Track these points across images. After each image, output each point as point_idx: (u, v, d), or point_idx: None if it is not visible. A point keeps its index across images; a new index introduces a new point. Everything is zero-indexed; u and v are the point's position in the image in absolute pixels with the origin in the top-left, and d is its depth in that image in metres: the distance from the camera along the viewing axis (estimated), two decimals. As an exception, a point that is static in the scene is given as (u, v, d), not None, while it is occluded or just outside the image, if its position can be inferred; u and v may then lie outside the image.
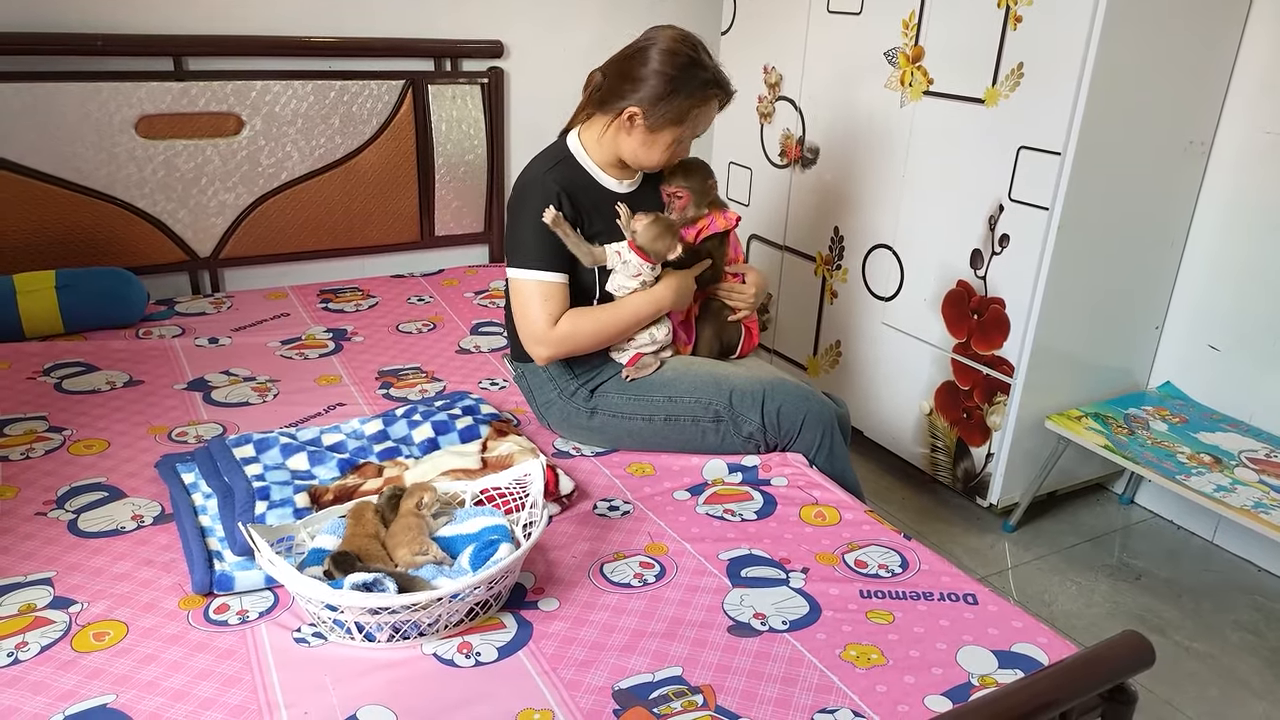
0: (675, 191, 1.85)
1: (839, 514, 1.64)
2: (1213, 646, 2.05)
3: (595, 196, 1.81)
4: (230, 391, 2.01)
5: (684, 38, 1.73)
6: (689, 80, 1.70)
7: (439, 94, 2.77)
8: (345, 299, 2.60)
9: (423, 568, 1.33)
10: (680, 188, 1.85)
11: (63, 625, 1.29)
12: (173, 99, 2.43)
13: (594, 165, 1.81)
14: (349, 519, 1.41)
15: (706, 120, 1.78)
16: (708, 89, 1.73)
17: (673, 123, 1.73)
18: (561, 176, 1.76)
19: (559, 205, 1.74)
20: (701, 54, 1.73)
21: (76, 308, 2.22)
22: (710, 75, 1.73)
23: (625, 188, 1.85)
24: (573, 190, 1.77)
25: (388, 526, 1.40)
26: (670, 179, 1.86)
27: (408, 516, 1.40)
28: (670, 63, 1.70)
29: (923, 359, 2.49)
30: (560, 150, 1.82)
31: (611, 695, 1.20)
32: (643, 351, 1.84)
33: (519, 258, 1.77)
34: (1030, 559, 2.34)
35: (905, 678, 1.25)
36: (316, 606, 1.25)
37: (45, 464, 1.70)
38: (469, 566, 1.32)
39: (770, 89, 2.86)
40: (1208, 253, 2.37)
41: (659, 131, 1.73)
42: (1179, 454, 2.20)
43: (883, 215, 2.53)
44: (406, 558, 1.34)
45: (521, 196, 1.78)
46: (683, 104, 1.71)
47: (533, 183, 1.77)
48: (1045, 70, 2.06)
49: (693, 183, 1.86)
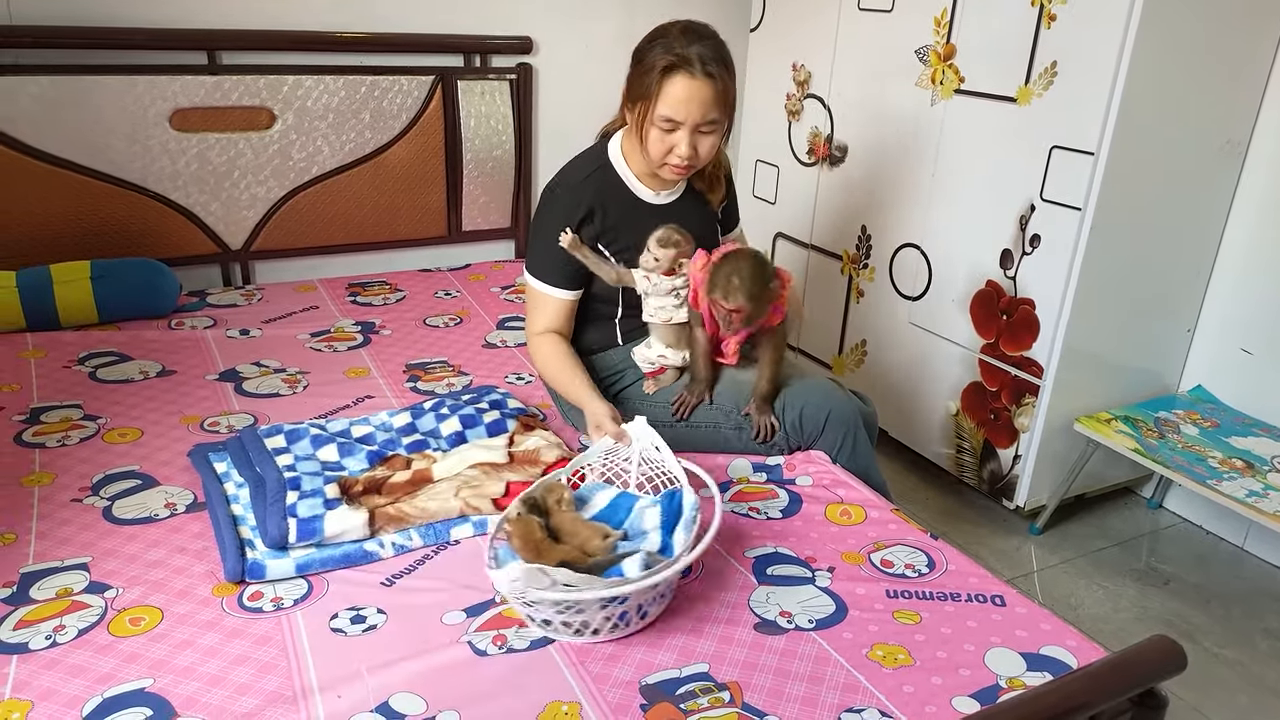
0: (733, 309, 1.61)
1: (864, 513, 1.64)
2: (1242, 653, 2.03)
3: (629, 208, 1.78)
4: (261, 382, 2.03)
5: (681, 21, 1.67)
6: (649, 50, 1.65)
7: (468, 90, 2.78)
8: (373, 292, 2.62)
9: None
10: (739, 305, 1.60)
11: (99, 610, 1.32)
12: (206, 93, 2.46)
13: (631, 174, 1.79)
14: (515, 539, 1.34)
15: (672, 100, 1.62)
16: (665, 57, 1.61)
17: (639, 98, 1.66)
18: (594, 185, 1.75)
19: (586, 218, 1.72)
20: (676, 31, 1.64)
21: (111, 298, 2.26)
22: (675, 48, 1.61)
23: (663, 198, 1.81)
24: (605, 201, 1.75)
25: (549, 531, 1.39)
26: (723, 291, 1.60)
27: (564, 514, 1.41)
28: (646, 37, 1.68)
29: (950, 359, 2.48)
30: (600, 155, 1.80)
31: (639, 690, 1.20)
32: (664, 365, 1.84)
33: (529, 261, 1.82)
34: (1057, 562, 2.32)
35: (932, 678, 1.24)
36: (590, 606, 1.23)
37: (80, 451, 1.72)
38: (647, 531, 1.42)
39: (799, 86, 2.85)
40: (1241, 255, 2.34)
41: (634, 110, 1.69)
42: (1210, 458, 2.17)
43: (911, 214, 2.52)
44: (601, 545, 1.36)
45: (547, 201, 1.78)
46: (644, 76, 1.64)
47: (562, 190, 1.76)
48: (1079, 69, 2.04)
49: (750, 296, 1.59)
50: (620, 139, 1.81)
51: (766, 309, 1.67)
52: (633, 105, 1.70)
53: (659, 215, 1.79)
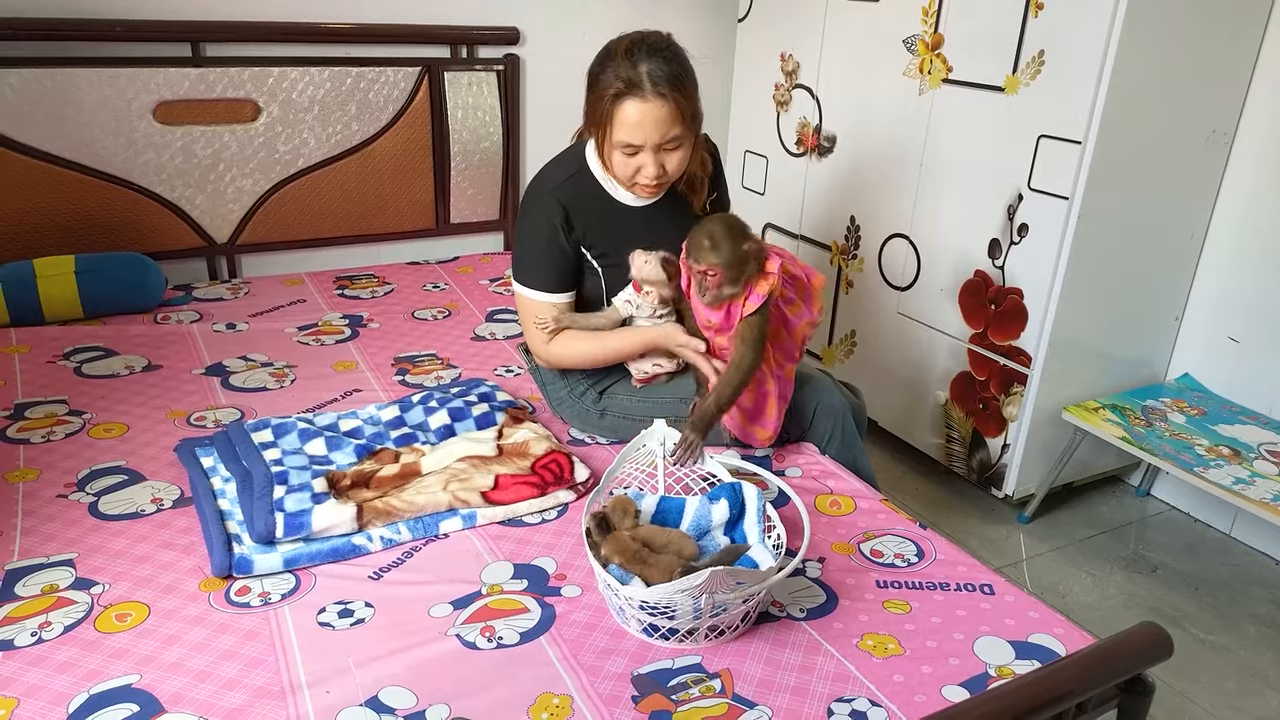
0: (706, 270, 1.54)
1: (854, 503, 1.64)
2: (1230, 639, 2.05)
3: (606, 211, 1.75)
4: (248, 377, 2.02)
5: (626, 36, 1.62)
6: (601, 74, 1.60)
7: (455, 81, 2.76)
8: (361, 285, 2.61)
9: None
10: (711, 265, 1.53)
11: (85, 606, 1.31)
12: (190, 85, 2.44)
13: (608, 178, 1.74)
14: (616, 556, 1.31)
15: (624, 124, 1.58)
16: (613, 84, 1.56)
17: (595, 123, 1.62)
18: (569, 192, 1.71)
19: (566, 222, 1.70)
20: (623, 51, 1.58)
21: (95, 292, 2.24)
22: (622, 71, 1.56)
23: (642, 202, 1.76)
24: (580, 206, 1.72)
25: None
26: (695, 252, 1.55)
27: (644, 527, 1.40)
28: (596, 58, 1.64)
29: (939, 349, 2.48)
30: (577, 158, 1.76)
31: (631, 681, 1.20)
32: (656, 373, 1.81)
33: (517, 271, 1.79)
34: (1045, 550, 2.33)
35: (922, 668, 1.25)
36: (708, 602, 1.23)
37: (66, 447, 1.71)
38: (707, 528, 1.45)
39: (787, 77, 2.85)
40: (1228, 243, 2.34)
41: (594, 134, 1.66)
42: (1197, 446, 2.19)
43: (900, 204, 2.52)
44: (694, 548, 1.38)
45: (526, 208, 1.76)
46: (599, 103, 1.60)
47: (537, 198, 1.73)
48: (1067, 58, 2.04)
49: (722, 254, 1.52)
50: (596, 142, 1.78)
51: (744, 273, 1.55)
52: (590, 128, 1.67)
53: (638, 219, 1.76)
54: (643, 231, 1.74)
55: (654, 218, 1.77)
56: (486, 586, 1.38)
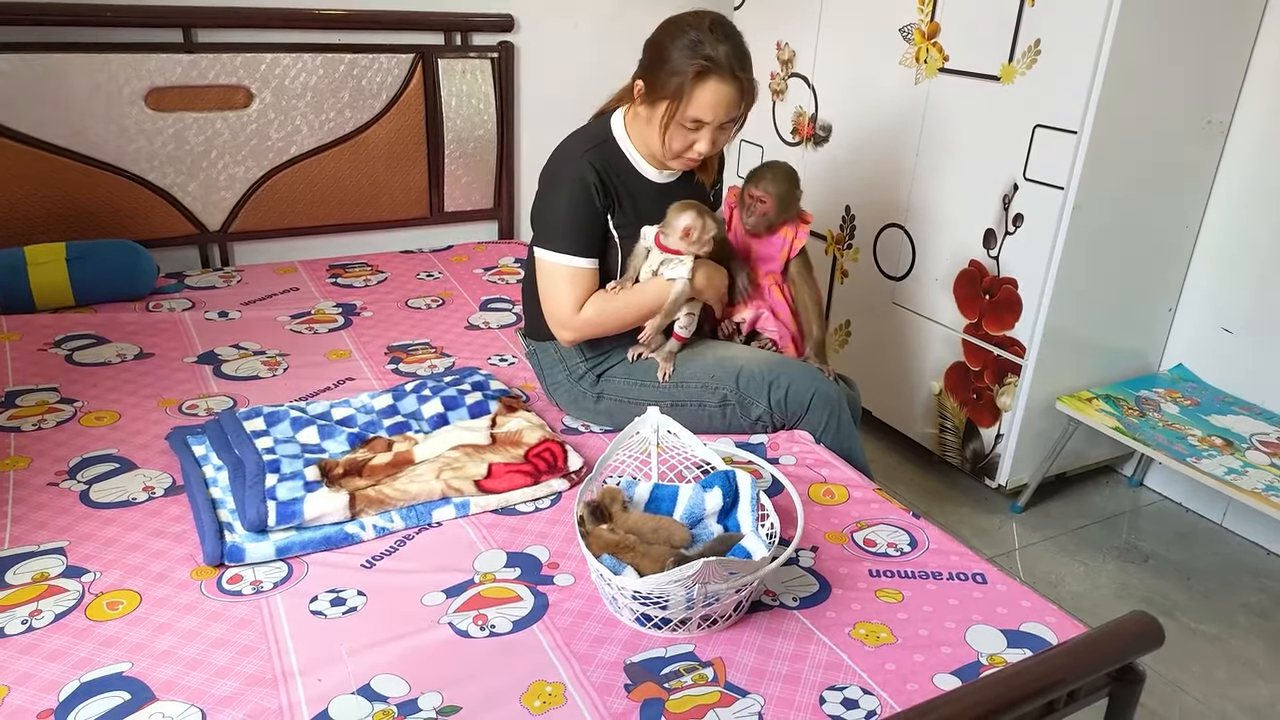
0: (759, 195, 1.78)
1: (848, 492, 1.64)
2: (1220, 629, 2.06)
3: (630, 183, 1.77)
4: (240, 365, 2.01)
5: (701, 14, 1.66)
6: (681, 48, 1.62)
7: (449, 68, 2.75)
8: (354, 274, 2.60)
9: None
10: (765, 192, 1.78)
11: (76, 594, 1.30)
12: (182, 71, 2.42)
13: (634, 151, 1.77)
14: (604, 549, 1.31)
15: (702, 103, 1.63)
16: (699, 59, 1.60)
17: (663, 97, 1.64)
18: (599, 158, 1.72)
19: (593, 192, 1.70)
20: (708, 28, 1.63)
21: (87, 280, 2.23)
22: (707, 47, 1.60)
23: (664, 178, 1.80)
24: (610, 173, 1.73)
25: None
26: (757, 179, 1.79)
27: (629, 515, 1.40)
28: (668, 31, 1.66)
29: (933, 339, 2.48)
30: (603, 131, 1.77)
31: (623, 670, 1.20)
32: (677, 332, 1.82)
33: (549, 240, 1.74)
34: (1038, 540, 2.34)
35: (914, 656, 1.25)
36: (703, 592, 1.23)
37: (57, 435, 1.70)
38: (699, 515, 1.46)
39: (783, 65, 2.84)
40: (1223, 234, 2.35)
41: (655, 106, 1.67)
42: (1190, 436, 2.19)
43: (895, 194, 2.51)
44: (685, 536, 1.38)
45: (555, 176, 1.75)
46: (672, 77, 1.62)
47: (568, 162, 1.73)
48: (1063, 47, 2.04)
49: (780, 188, 1.78)
50: (623, 117, 1.78)
51: (786, 214, 1.81)
52: (653, 100, 1.67)
53: (659, 193, 1.78)
54: (661, 205, 1.75)
55: (673, 193, 1.78)
56: (479, 575, 1.38)
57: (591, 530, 1.34)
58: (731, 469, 1.49)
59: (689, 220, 1.68)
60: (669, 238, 1.71)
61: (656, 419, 1.55)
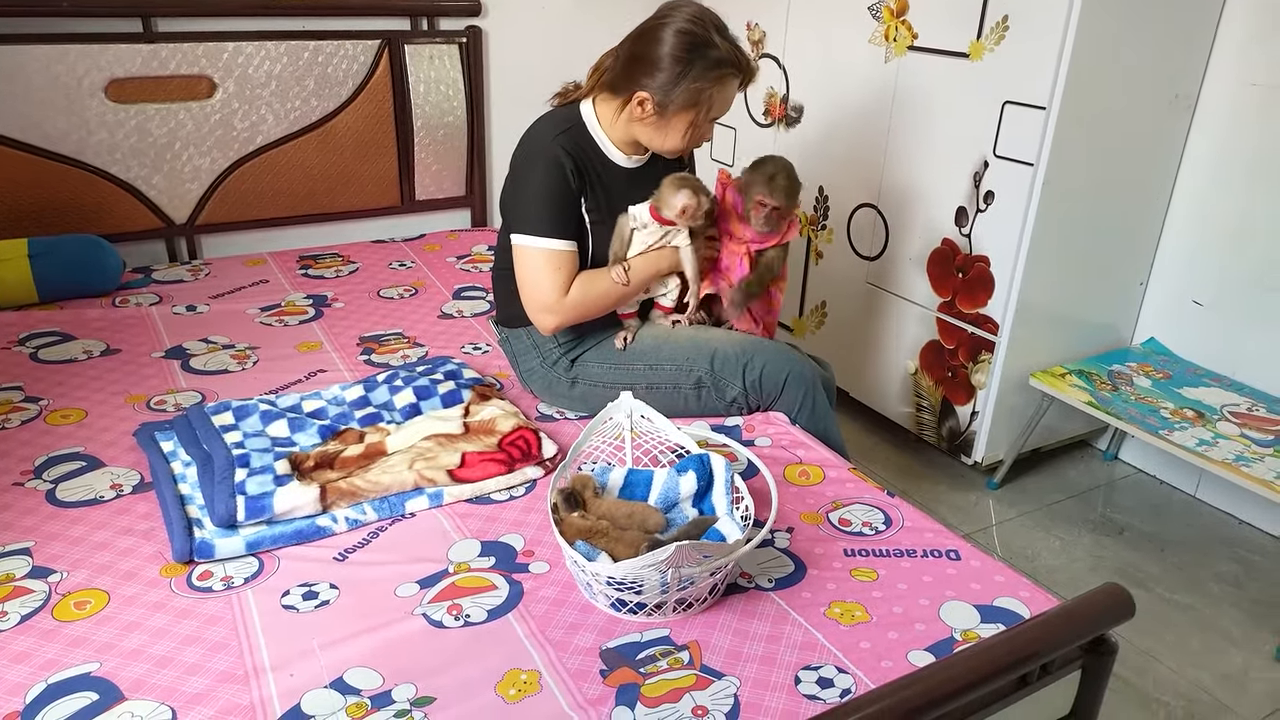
0: (766, 201, 1.75)
1: (823, 473, 1.64)
2: (1194, 598, 2.08)
3: (601, 169, 1.75)
4: (209, 359, 1.99)
5: (700, 15, 1.65)
6: (700, 60, 1.62)
7: (416, 54, 2.71)
8: (325, 265, 2.57)
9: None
10: (771, 201, 1.75)
11: (42, 595, 1.28)
12: (142, 61, 2.38)
13: (605, 139, 1.75)
14: (578, 536, 1.31)
15: (723, 101, 1.69)
16: (721, 69, 1.64)
17: (685, 107, 1.66)
18: (570, 141, 1.70)
19: (568, 174, 1.68)
20: (714, 32, 1.64)
21: (51, 276, 2.19)
22: (724, 54, 1.64)
23: (633, 163, 1.79)
24: (582, 157, 1.71)
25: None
26: (770, 189, 1.74)
27: (602, 501, 1.39)
28: (682, 44, 1.62)
29: (908, 318, 2.48)
30: (573, 115, 1.75)
31: (599, 655, 1.20)
32: (661, 304, 1.83)
33: (527, 225, 1.71)
34: (1014, 515, 2.36)
35: (889, 634, 1.25)
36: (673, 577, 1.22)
37: (22, 434, 1.67)
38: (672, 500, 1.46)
39: (753, 46, 2.82)
40: (1192, 207, 2.36)
41: (672, 117, 1.67)
42: (1162, 409, 2.21)
43: (868, 174, 2.51)
44: (660, 520, 1.39)
45: (529, 160, 1.72)
46: (693, 87, 1.63)
47: (541, 146, 1.71)
48: (1030, 23, 2.04)
49: (795, 200, 1.78)
50: (593, 105, 1.75)
51: (789, 214, 1.81)
52: (665, 108, 1.65)
53: (627, 179, 1.77)
54: (631, 190, 1.75)
55: (641, 178, 1.77)
56: (454, 565, 1.37)
57: (565, 517, 1.34)
58: (706, 453, 1.49)
59: (686, 199, 1.68)
60: (665, 212, 1.71)
61: (630, 404, 1.54)
